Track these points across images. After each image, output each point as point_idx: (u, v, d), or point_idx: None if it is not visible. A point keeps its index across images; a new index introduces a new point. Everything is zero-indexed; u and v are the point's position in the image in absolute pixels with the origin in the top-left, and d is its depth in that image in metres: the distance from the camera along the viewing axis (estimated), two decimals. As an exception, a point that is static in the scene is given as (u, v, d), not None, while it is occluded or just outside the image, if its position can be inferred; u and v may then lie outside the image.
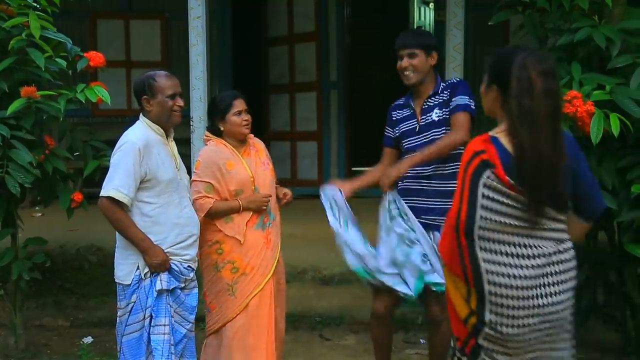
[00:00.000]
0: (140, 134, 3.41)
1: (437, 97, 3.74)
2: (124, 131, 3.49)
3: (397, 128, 3.85)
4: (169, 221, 3.41)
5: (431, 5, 11.64)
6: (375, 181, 3.76)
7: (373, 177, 3.84)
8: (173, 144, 3.57)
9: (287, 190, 3.94)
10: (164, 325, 3.37)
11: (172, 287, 3.40)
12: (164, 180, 3.40)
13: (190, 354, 3.57)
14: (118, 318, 3.43)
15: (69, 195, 4.34)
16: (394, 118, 3.89)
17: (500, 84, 2.56)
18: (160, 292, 3.35)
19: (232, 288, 3.74)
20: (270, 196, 3.82)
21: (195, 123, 5.65)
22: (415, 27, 12.18)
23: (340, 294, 4.90)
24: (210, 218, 3.72)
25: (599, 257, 4.29)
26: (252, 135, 3.94)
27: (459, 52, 5.36)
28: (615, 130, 3.60)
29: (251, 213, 3.76)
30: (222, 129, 3.82)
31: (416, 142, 3.73)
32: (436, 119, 3.70)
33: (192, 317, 3.55)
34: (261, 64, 8.66)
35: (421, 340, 4.81)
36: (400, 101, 3.91)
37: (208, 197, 3.71)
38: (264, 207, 3.77)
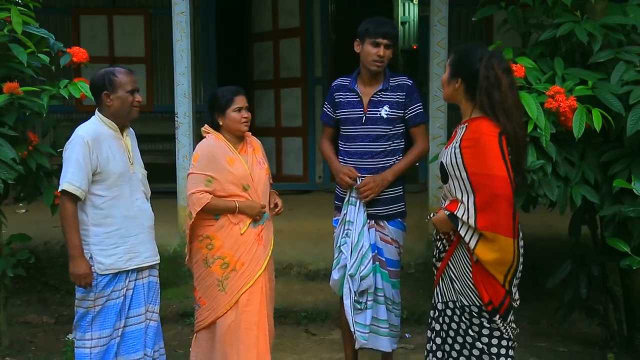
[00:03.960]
0: (90, 128, 3.47)
1: (387, 93, 3.82)
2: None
3: (339, 111, 3.91)
4: (120, 214, 3.48)
5: (415, 0, 11.69)
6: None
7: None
8: (128, 139, 3.62)
9: (279, 201, 3.91)
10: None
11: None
12: (114, 174, 3.46)
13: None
14: None
15: (52, 192, 4.32)
16: (336, 99, 3.94)
17: (466, 78, 3.04)
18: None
19: (222, 284, 3.73)
20: (265, 206, 3.81)
21: (180, 119, 5.64)
22: (399, 22, 12.33)
23: (326, 290, 4.88)
24: (204, 213, 3.71)
25: (582, 252, 4.32)
26: (250, 133, 3.93)
27: (442, 48, 5.38)
28: (597, 125, 3.62)
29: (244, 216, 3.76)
30: (220, 123, 3.80)
31: (361, 131, 3.83)
32: (385, 115, 3.79)
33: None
34: (246, 60, 8.65)
35: (406, 335, 4.82)
36: (344, 82, 3.94)
37: (206, 192, 3.70)
38: (258, 218, 3.77)
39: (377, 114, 3.79)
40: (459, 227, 2.99)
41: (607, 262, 4.29)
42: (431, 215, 3.21)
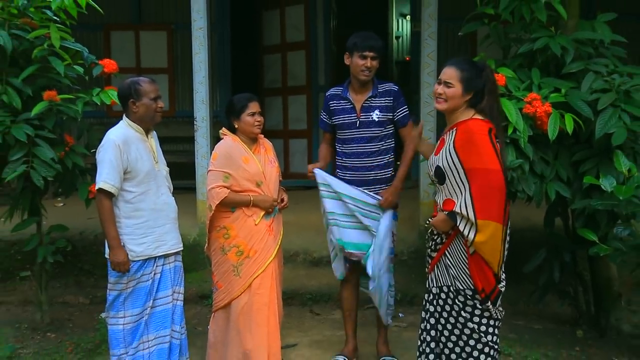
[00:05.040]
0: (120, 133, 3.49)
1: (376, 99, 3.83)
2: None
3: (335, 117, 3.92)
4: (148, 207, 3.50)
5: (407, 17, 11.66)
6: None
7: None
8: (152, 141, 3.64)
9: (285, 197, 3.93)
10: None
11: None
12: (142, 172, 3.48)
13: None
14: None
15: (86, 188, 4.34)
16: (331, 107, 3.94)
17: (478, 91, 3.09)
18: None
19: (237, 269, 3.75)
20: (277, 200, 3.83)
21: (198, 122, 5.65)
22: (394, 37, 12.30)
23: (329, 274, 4.88)
24: (222, 206, 3.73)
25: (555, 241, 4.33)
26: (262, 135, 3.94)
27: (432, 59, 5.38)
28: (570, 128, 3.63)
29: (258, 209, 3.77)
30: (236, 126, 3.82)
31: (356, 134, 3.85)
32: (377, 119, 3.81)
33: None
34: (257, 70, 8.64)
35: (400, 315, 4.83)
36: (337, 92, 3.95)
37: (224, 187, 3.71)
38: (270, 211, 3.79)
39: (369, 117, 3.81)
40: (458, 222, 2.99)
41: (577, 250, 4.30)
42: (430, 220, 3.19)
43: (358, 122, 3.82)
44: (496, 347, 3.13)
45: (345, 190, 3.82)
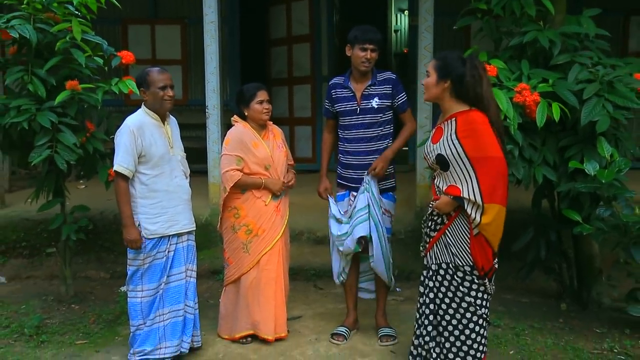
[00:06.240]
0: (136, 119, 3.50)
1: (375, 87, 3.80)
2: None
3: (337, 105, 3.89)
4: (161, 188, 3.50)
5: (406, 12, 11.59)
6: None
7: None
8: (169, 127, 3.62)
9: (292, 177, 3.93)
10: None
11: None
12: (156, 156, 3.48)
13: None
14: None
15: (106, 171, 4.34)
16: (333, 96, 3.92)
17: (454, 79, 3.03)
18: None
19: (246, 247, 3.76)
20: (285, 183, 3.84)
21: (209, 110, 5.64)
22: (392, 30, 12.22)
23: (331, 251, 4.91)
24: (234, 187, 3.72)
25: (542, 221, 4.33)
26: (272, 122, 3.93)
27: (428, 52, 5.35)
28: (557, 116, 3.62)
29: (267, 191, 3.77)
30: (246, 114, 3.81)
31: (357, 120, 3.83)
32: (376, 106, 3.78)
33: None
34: (264, 61, 8.61)
35: (397, 289, 4.85)
36: (339, 81, 3.92)
37: (238, 170, 3.71)
38: (278, 193, 3.78)
39: (368, 105, 3.78)
40: (466, 206, 2.98)
41: (562, 230, 4.30)
42: (432, 203, 3.17)
43: (358, 109, 3.81)
44: (487, 319, 3.15)
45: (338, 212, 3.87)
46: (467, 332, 3.12)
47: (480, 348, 3.15)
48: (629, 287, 4.16)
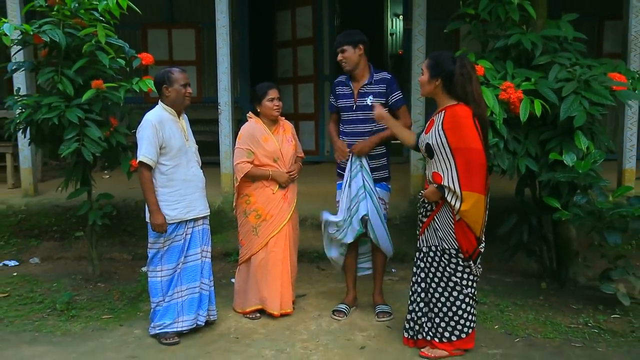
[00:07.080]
0: (156, 114, 3.52)
1: (371, 86, 3.81)
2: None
3: (339, 101, 3.92)
4: (179, 178, 3.53)
5: (400, 17, 11.55)
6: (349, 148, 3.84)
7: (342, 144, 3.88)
8: (183, 122, 3.65)
9: (295, 168, 3.94)
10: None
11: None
12: (175, 148, 3.50)
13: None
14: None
15: (128, 162, 4.36)
16: (337, 92, 3.95)
17: (445, 77, 3.05)
18: None
19: (256, 230, 3.81)
20: (290, 174, 3.86)
21: (221, 107, 5.66)
22: (389, 33, 12.19)
23: (332, 235, 4.92)
24: (245, 177, 3.77)
25: (524, 208, 4.35)
26: (283, 117, 3.96)
27: (421, 53, 5.36)
28: (538, 112, 3.64)
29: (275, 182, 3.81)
30: (259, 110, 3.85)
31: (354, 116, 3.85)
32: (370, 103, 3.79)
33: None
34: (272, 62, 8.61)
35: (392, 270, 4.88)
36: (342, 79, 3.95)
37: (248, 163, 3.75)
38: (284, 185, 3.82)
39: (364, 102, 3.80)
40: (446, 193, 3.02)
41: (543, 215, 4.31)
42: (422, 192, 3.22)
43: (355, 105, 3.83)
44: (474, 297, 3.19)
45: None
46: (454, 309, 3.16)
47: (467, 324, 3.19)
48: (602, 268, 4.18)
